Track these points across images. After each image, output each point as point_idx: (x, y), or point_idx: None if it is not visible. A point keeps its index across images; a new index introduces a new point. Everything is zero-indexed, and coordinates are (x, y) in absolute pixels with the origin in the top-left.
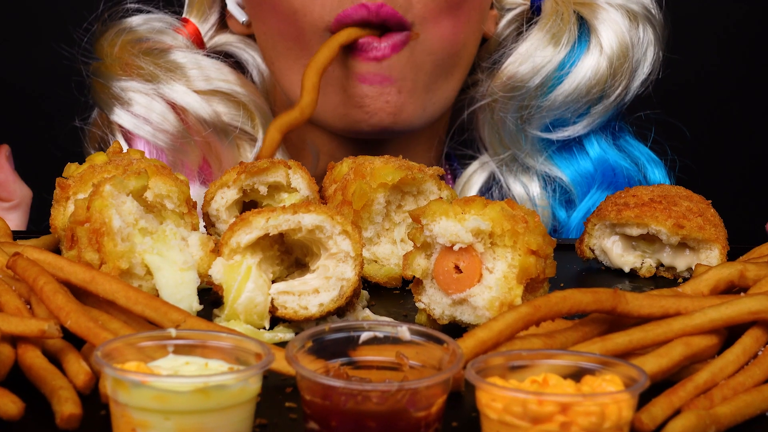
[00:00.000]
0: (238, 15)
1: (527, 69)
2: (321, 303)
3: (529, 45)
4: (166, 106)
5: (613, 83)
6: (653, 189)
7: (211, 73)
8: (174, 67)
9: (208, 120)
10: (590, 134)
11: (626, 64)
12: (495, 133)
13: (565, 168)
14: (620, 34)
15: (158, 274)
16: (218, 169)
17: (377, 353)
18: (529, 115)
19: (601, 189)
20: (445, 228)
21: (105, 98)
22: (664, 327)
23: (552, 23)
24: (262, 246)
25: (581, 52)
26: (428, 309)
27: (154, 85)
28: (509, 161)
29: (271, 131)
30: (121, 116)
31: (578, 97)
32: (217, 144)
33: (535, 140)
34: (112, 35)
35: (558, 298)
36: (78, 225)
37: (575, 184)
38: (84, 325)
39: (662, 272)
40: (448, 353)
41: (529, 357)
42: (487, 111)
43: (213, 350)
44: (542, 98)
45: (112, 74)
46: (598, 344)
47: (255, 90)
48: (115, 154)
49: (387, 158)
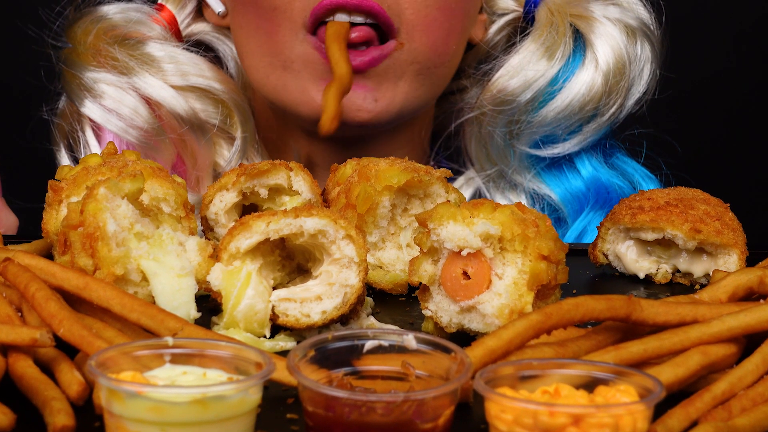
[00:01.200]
0: (214, 5)
1: (518, 83)
2: (324, 310)
3: (522, 57)
4: (139, 99)
5: (608, 101)
6: (669, 192)
7: (188, 68)
8: (149, 60)
9: (184, 116)
10: (581, 152)
11: (622, 81)
12: (482, 148)
13: (555, 186)
14: (617, 50)
15: (154, 281)
16: (192, 167)
17: (382, 363)
18: (518, 131)
19: (595, 209)
20: (453, 232)
21: (75, 88)
22: (680, 335)
23: (546, 35)
24: (263, 251)
25: (575, 67)
26: (435, 317)
27: (127, 78)
28: (496, 177)
29: (331, 99)
30: (91, 108)
31: (570, 114)
32: (193, 142)
33: (524, 156)
34: (86, 23)
35: (570, 306)
36: (71, 229)
37: (565, 202)
38: (77, 334)
39: (678, 278)
40: (456, 362)
41: (540, 366)
42: (474, 124)
43: (211, 359)
44: (533, 113)
45: (83, 63)
46: (611, 353)
47: (234, 86)
48: (109, 156)
49: (392, 160)
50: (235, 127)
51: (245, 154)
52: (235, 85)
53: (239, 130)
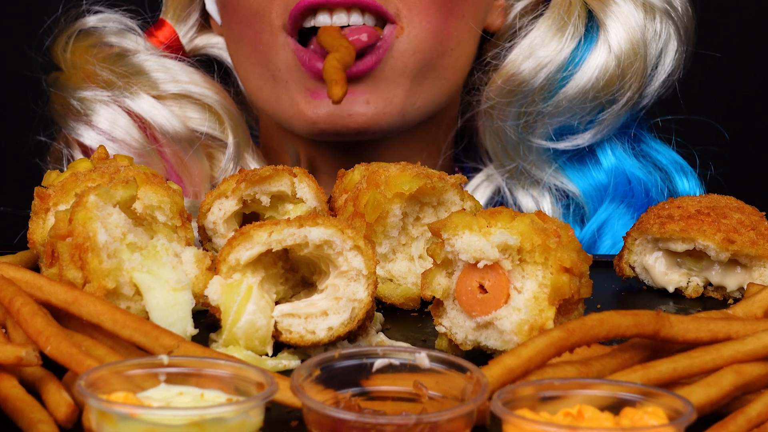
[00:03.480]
0: (216, 16)
1: (529, 66)
2: (330, 327)
3: (532, 39)
4: (129, 119)
5: (623, 86)
6: (700, 199)
7: (179, 75)
8: (135, 72)
9: (171, 132)
10: (603, 142)
11: (637, 63)
12: (498, 142)
13: (578, 180)
14: (631, 30)
15: (148, 295)
16: (189, 181)
17: (393, 382)
18: (531, 122)
19: (615, 203)
20: (469, 243)
21: (63, 112)
22: (712, 353)
23: (557, 15)
24: (265, 263)
25: (588, 50)
26: (449, 333)
27: (114, 94)
28: (516, 173)
29: (329, 67)
30: (81, 133)
31: (585, 100)
32: (183, 154)
33: (542, 149)
34: (64, 39)
35: (594, 322)
36: (59, 240)
37: (588, 198)
38: (66, 351)
39: (710, 292)
40: (472, 382)
41: (561, 387)
42: (485, 117)
43: (209, 379)
44: (545, 103)
45: (69, 84)
46: (639, 372)
47: (223, 91)
48: (100, 161)
49: (404, 165)
50: (226, 132)
51: (239, 162)
52: (226, 93)
53: (230, 136)
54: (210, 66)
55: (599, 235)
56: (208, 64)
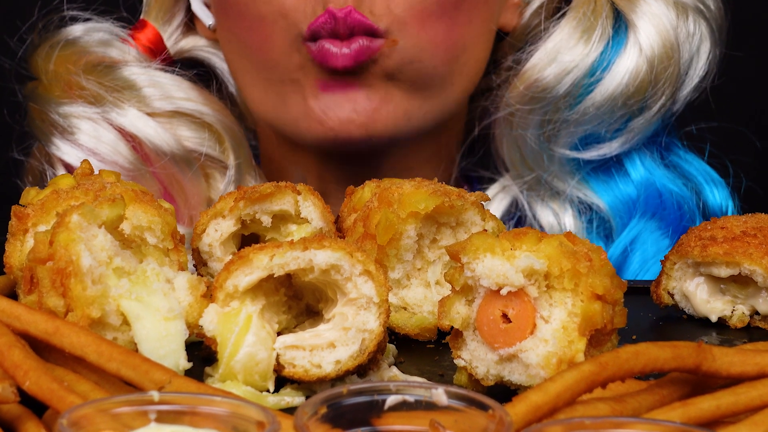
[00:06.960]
0: (204, 17)
1: (552, 73)
2: (338, 360)
3: (555, 43)
4: (116, 134)
5: (655, 92)
6: (746, 219)
7: (172, 91)
8: (124, 86)
9: (166, 150)
10: (631, 151)
11: (671, 67)
12: (516, 151)
13: (603, 193)
14: (664, 31)
15: (137, 325)
16: (184, 204)
17: (407, 421)
18: (554, 131)
19: (645, 218)
20: (491, 267)
21: (42, 126)
22: (759, 389)
23: (582, 16)
24: (266, 290)
25: (616, 53)
26: (470, 367)
27: (101, 109)
28: (535, 184)
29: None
30: (61, 148)
31: (614, 108)
32: (182, 177)
33: (565, 159)
34: (46, 49)
35: (629, 354)
36: (39, 264)
37: (615, 212)
38: (46, 387)
39: (757, 322)
40: (494, 421)
41: (593, 426)
42: (503, 124)
43: (204, 418)
44: (569, 110)
45: (50, 97)
46: (678, 410)
47: (223, 108)
48: (84, 177)
49: (419, 182)
50: (227, 153)
51: (240, 184)
52: (224, 106)
53: (231, 157)
54: (204, 77)
55: (628, 253)
56: (206, 78)
